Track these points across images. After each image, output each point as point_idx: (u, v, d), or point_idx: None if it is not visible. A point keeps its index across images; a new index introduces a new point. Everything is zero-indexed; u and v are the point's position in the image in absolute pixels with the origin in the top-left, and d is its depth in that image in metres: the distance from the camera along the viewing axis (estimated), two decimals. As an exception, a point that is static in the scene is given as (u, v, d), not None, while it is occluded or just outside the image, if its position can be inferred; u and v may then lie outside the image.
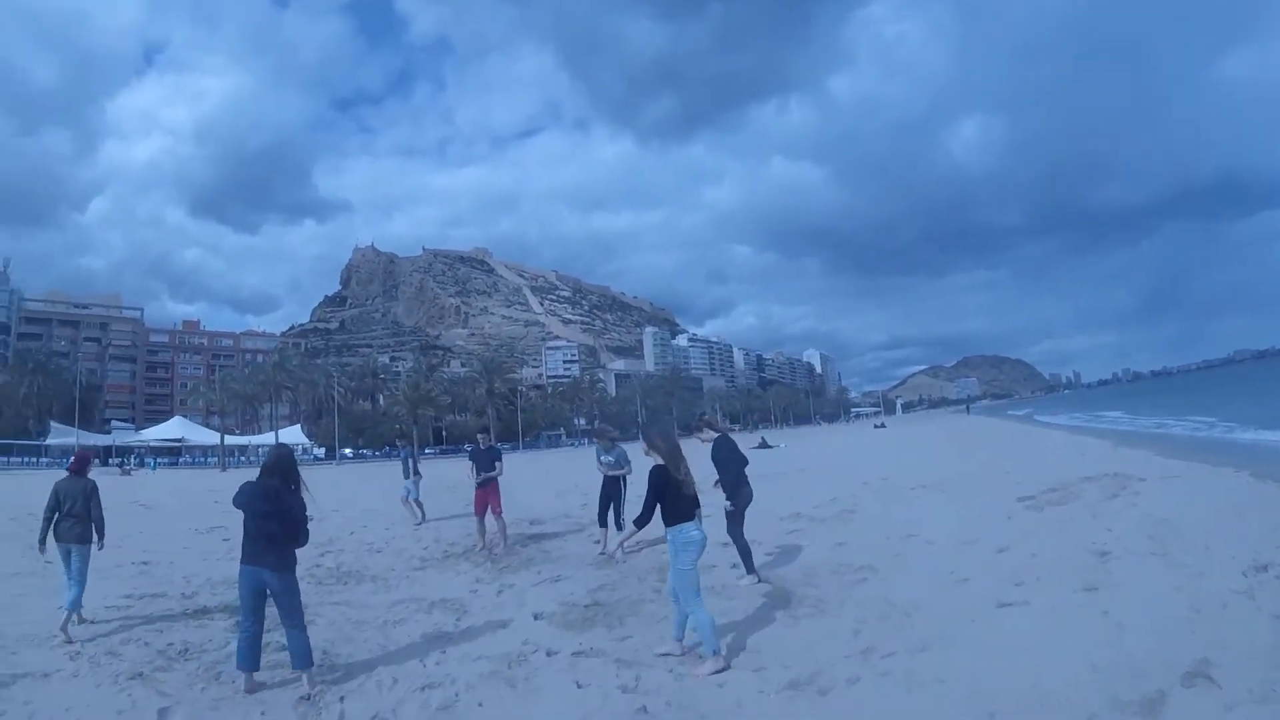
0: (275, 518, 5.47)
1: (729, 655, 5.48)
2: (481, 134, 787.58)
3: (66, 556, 7.13)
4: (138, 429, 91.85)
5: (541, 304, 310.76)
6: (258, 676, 5.41)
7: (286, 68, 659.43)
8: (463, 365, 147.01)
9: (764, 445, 44.40)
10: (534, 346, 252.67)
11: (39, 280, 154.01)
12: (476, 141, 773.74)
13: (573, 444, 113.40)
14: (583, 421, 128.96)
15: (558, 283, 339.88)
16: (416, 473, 15.42)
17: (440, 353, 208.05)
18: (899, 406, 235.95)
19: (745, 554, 7.83)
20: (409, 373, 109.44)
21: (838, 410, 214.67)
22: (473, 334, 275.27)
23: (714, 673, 5.08)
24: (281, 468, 5.65)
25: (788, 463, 27.27)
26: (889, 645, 5.40)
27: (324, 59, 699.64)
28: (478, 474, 11.27)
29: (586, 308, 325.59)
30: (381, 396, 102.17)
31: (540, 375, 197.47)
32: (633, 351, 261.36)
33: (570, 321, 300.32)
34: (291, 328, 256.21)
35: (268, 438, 76.21)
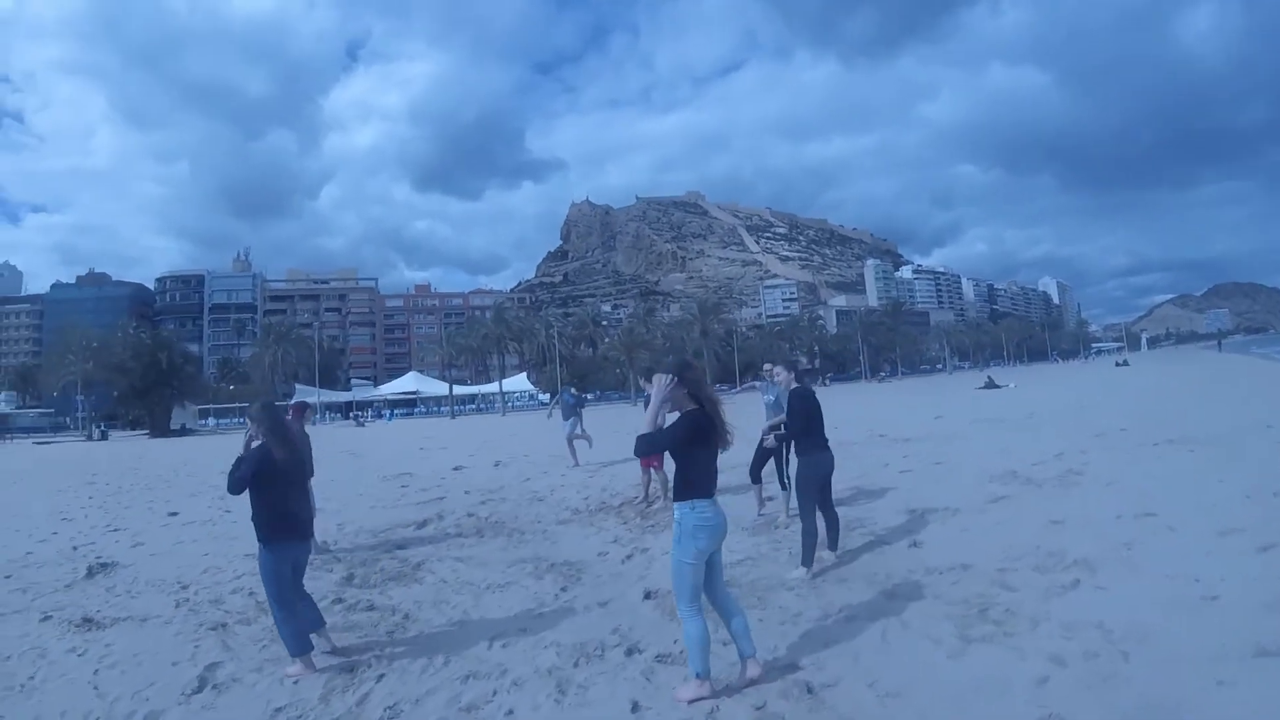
0: (294, 483, 5.28)
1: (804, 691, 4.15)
2: (682, 76, 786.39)
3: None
4: (375, 385, 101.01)
5: (758, 243, 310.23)
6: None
7: (483, 41, 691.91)
8: (681, 309, 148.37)
9: (990, 385, 41.36)
10: (752, 287, 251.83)
11: (283, 262, 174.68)
12: (679, 84, 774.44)
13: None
14: (804, 360, 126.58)
15: (773, 220, 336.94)
16: (578, 414, 15.59)
17: (660, 298, 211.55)
18: (1144, 341, 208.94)
19: (808, 537, 6.30)
20: (627, 319, 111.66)
21: (1076, 345, 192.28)
22: (690, 278, 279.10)
23: (694, 700, 4.05)
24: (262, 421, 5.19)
25: (1015, 406, 24.67)
26: (1088, 713, 3.64)
27: (517, 27, 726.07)
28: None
29: (804, 243, 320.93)
30: (601, 343, 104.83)
31: (759, 315, 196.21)
32: (854, 286, 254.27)
33: (788, 259, 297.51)
34: (519, 284, 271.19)
35: (495, 387, 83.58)
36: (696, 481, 4.14)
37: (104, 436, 57.98)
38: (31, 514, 13.51)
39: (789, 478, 8.34)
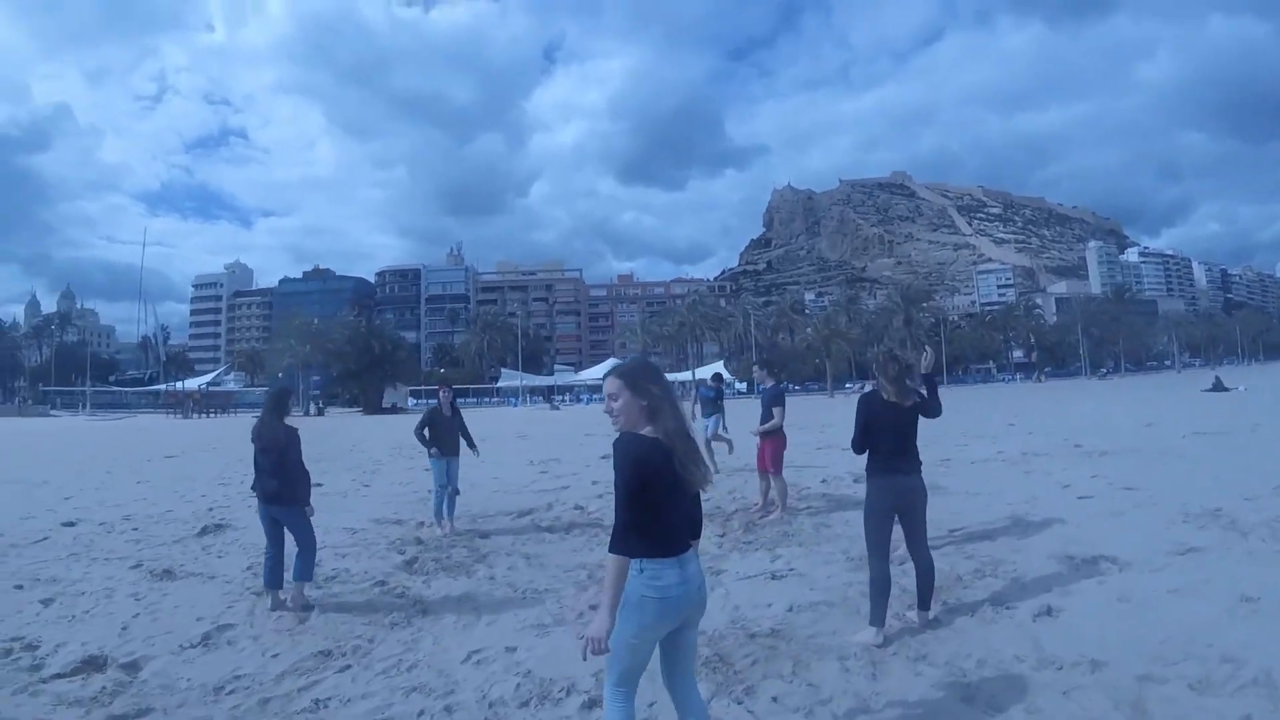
0: (265, 453, 5.99)
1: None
2: (880, 51, 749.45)
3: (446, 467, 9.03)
4: (576, 371, 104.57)
5: (970, 224, 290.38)
6: (281, 594, 5.94)
7: (675, 33, 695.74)
8: (887, 296, 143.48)
9: (1218, 387, 35.98)
10: (964, 272, 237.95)
11: (494, 255, 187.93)
12: (877, 59, 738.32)
13: (1004, 379, 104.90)
14: (1019, 353, 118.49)
15: (985, 199, 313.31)
16: (720, 411, 13.57)
17: (866, 285, 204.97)
18: None
19: (876, 589, 4.93)
20: (827, 307, 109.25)
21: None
22: (899, 263, 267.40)
23: None
24: (272, 404, 6.19)
25: (1242, 414, 20.87)
26: None
27: (707, 15, 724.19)
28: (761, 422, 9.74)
29: (1019, 224, 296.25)
30: (801, 332, 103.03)
31: (973, 303, 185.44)
32: (1075, 271, 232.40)
33: (1003, 241, 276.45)
34: (722, 273, 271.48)
35: (691, 374, 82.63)
36: (648, 530, 2.79)
37: (320, 412, 63.77)
38: (199, 477, 14.94)
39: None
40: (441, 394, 9.50)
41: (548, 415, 45.22)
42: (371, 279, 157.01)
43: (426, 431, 9.12)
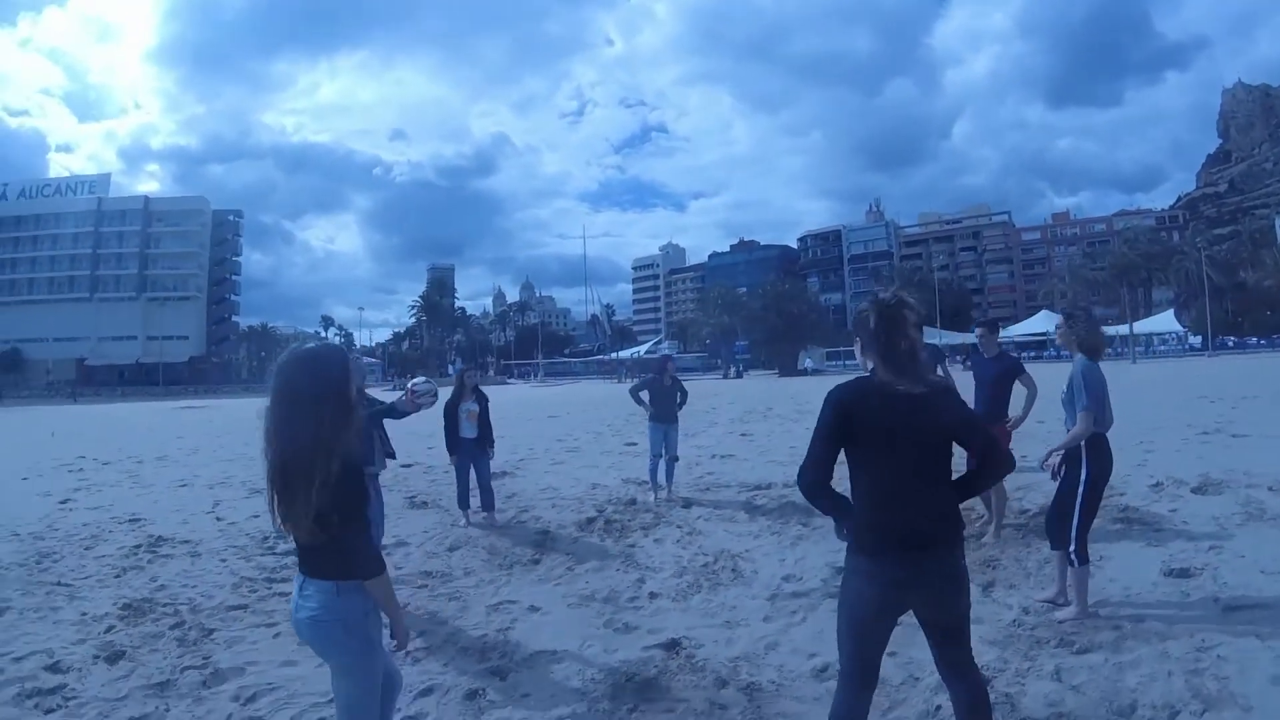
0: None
1: None
2: None
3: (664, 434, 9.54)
4: (1008, 326, 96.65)
5: None
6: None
7: None
8: None
9: None
10: None
11: (918, 208, 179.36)
12: None
13: None
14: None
15: None
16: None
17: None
18: None
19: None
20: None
21: None
22: None
23: None
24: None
25: None
26: None
27: None
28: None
29: None
30: (1266, 266, 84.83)
31: None
32: None
33: None
34: (1177, 200, 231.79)
35: (1142, 325, 71.65)
36: None
37: (739, 375, 69.51)
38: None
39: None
40: (667, 364, 10.00)
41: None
42: (794, 245, 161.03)
43: (645, 394, 9.78)
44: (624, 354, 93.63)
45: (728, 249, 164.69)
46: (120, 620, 5.27)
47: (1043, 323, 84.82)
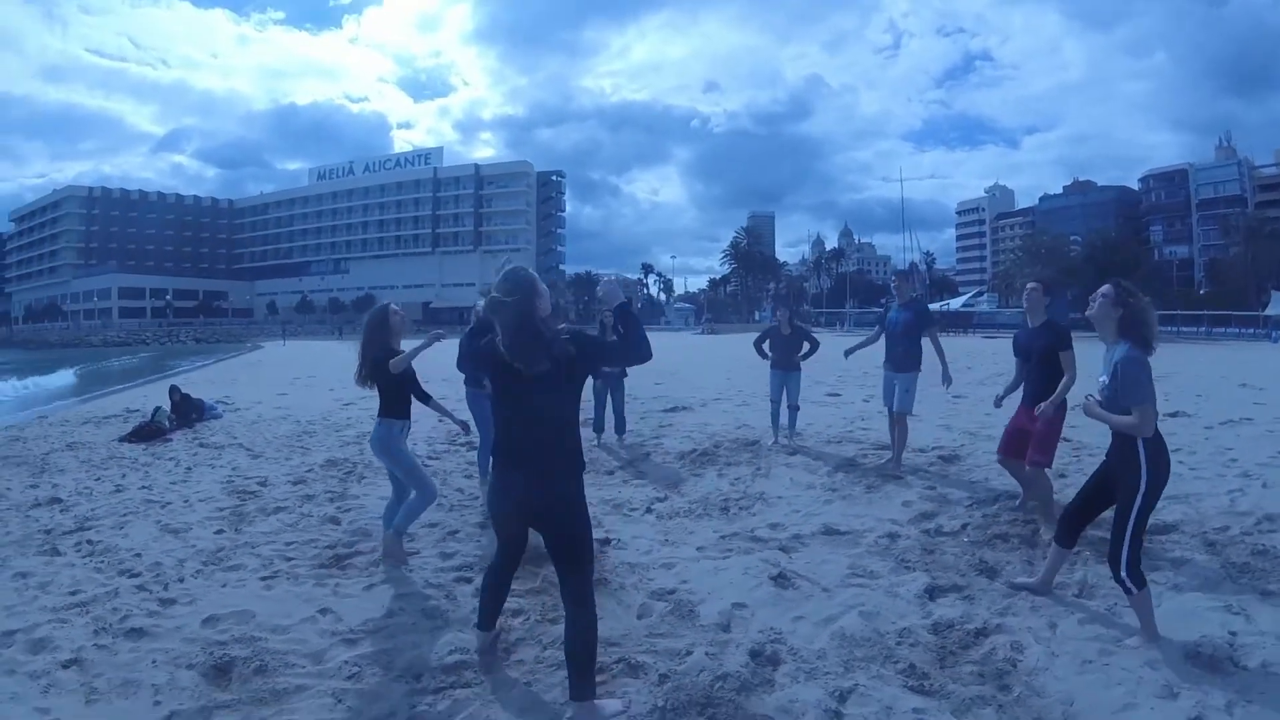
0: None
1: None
2: None
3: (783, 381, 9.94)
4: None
5: None
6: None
7: None
8: None
9: None
10: None
11: (1274, 141, 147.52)
12: None
13: None
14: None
15: None
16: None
17: None
18: None
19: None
20: None
21: None
22: None
23: None
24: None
25: None
26: None
27: None
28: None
29: None
30: None
31: None
32: None
33: None
34: None
35: None
36: None
37: None
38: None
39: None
40: (778, 313, 10.49)
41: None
42: (1135, 187, 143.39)
43: (766, 345, 10.11)
44: (932, 307, 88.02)
45: (1060, 190, 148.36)
46: (320, 467, 8.77)
47: None
